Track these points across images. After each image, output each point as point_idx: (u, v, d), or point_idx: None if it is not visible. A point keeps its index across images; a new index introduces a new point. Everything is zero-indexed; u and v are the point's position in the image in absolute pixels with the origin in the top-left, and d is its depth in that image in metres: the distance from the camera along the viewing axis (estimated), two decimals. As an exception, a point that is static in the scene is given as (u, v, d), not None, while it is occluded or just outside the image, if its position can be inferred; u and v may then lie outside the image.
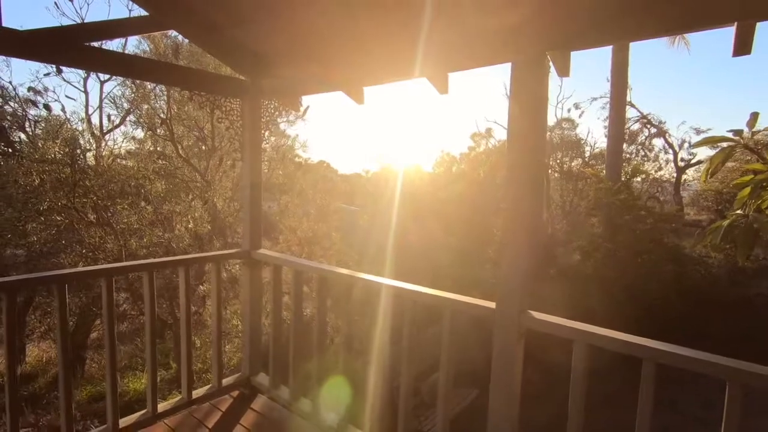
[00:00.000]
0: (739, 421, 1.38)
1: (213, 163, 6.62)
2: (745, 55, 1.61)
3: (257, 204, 3.11)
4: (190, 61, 6.06)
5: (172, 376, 6.97)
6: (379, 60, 2.52)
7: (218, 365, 3.00)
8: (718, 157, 2.77)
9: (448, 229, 11.75)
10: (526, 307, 1.84)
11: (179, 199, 6.36)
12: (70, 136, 5.54)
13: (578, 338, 1.67)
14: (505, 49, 1.88)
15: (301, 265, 2.82)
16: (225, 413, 2.88)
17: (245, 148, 3.02)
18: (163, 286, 6.28)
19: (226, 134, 3.00)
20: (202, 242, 6.31)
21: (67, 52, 2.19)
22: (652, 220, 8.38)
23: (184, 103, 6.13)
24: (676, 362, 1.48)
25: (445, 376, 2.10)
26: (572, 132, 15.89)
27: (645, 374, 1.53)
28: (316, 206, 10.98)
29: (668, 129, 14.54)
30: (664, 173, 15.22)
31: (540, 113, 1.80)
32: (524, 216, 1.79)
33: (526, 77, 1.78)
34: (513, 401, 1.86)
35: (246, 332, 3.17)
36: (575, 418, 1.69)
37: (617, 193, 8.53)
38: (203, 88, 2.81)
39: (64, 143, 5.27)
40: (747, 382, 1.37)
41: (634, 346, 1.54)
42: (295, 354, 2.81)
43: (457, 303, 2.00)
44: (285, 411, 2.90)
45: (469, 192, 12.91)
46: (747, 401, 1.37)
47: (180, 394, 2.86)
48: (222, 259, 3.01)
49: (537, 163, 1.80)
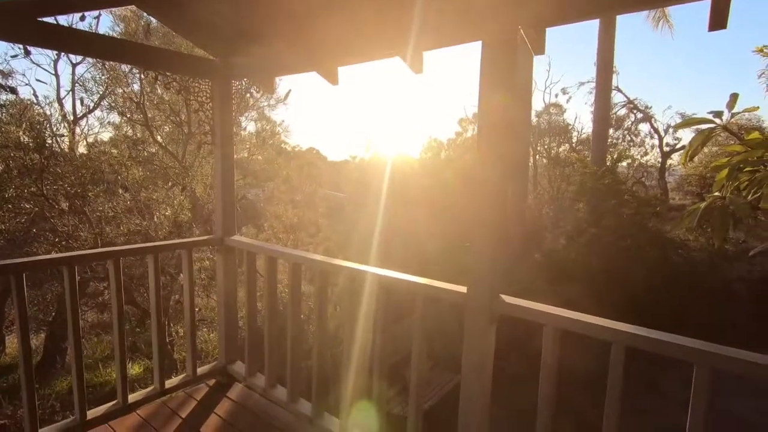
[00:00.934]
0: (706, 404, 1.36)
1: (191, 149, 6.45)
2: (721, 29, 1.56)
3: (230, 189, 3.02)
4: (163, 42, 5.84)
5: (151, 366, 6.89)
6: (353, 39, 2.43)
7: (192, 354, 2.94)
8: (698, 140, 2.74)
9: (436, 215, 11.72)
10: (498, 291, 1.81)
11: (157, 186, 6.21)
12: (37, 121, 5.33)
13: (548, 322, 1.64)
14: (475, 27, 1.81)
15: (274, 252, 2.75)
16: (200, 402, 2.83)
17: (216, 131, 2.92)
18: (144, 274, 6.17)
19: (196, 118, 2.89)
20: (182, 230, 6.19)
21: (19, 27, 2.05)
22: (635, 205, 8.43)
23: (154, 85, 5.93)
24: (644, 345, 1.45)
25: (417, 360, 2.06)
26: (560, 117, 15.88)
27: (614, 357, 1.51)
28: (302, 193, 10.86)
29: (654, 114, 14.60)
30: (650, 158, 15.32)
31: (512, 94, 1.73)
32: (494, 199, 1.73)
33: (497, 56, 1.70)
34: (485, 386, 1.84)
35: (221, 320, 3.12)
36: (546, 399, 1.67)
37: (602, 177, 8.55)
38: (171, 69, 2.69)
39: (30, 128, 5.07)
40: (714, 365, 1.35)
41: (603, 329, 1.52)
42: (270, 341, 2.77)
43: (429, 288, 1.96)
44: (261, 399, 2.87)
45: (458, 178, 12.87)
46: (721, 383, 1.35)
47: (153, 385, 2.81)
48: (193, 246, 2.92)
49: (507, 146, 1.74)
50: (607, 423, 1.53)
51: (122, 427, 2.50)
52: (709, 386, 1.35)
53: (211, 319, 6.45)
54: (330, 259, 2.48)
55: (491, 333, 1.82)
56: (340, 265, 2.36)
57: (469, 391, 1.85)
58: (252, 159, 8.23)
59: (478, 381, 1.82)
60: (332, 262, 2.44)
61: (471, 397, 1.85)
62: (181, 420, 2.63)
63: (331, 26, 2.43)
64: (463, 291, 1.84)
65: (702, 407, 1.37)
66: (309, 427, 2.52)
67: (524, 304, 1.73)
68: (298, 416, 2.60)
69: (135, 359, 7.26)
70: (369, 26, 2.27)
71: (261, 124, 8.54)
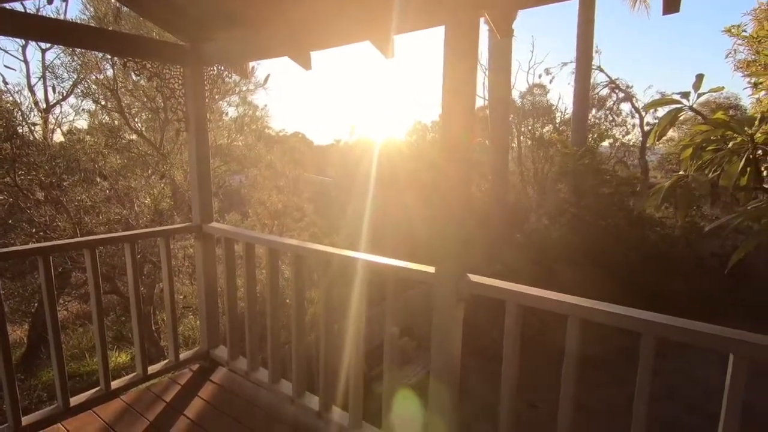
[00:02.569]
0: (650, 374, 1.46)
1: (169, 136, 6.35)
2: (674, 13, 1.61)
3: (206, 177, 3.03)
4: (135, 26, 5.67)
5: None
6: (323, 23, 2.42)
7: (174, 340, 2.99)
8: (665, 120, 2.81)
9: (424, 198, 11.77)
10: (465, 271, 1.87)
11: (136, 174, 6.12)
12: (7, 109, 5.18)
13: (509, 298, 1.72)
14: (440, 11, 1.83)
15: (252, 238, 2.78)
16: (183, 386, 2.89)
17: (189, 118, 2.91)
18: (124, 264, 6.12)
19: (168, 104, 2.82)
20: (163, 218, 6.15)
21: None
22: (614, 184, 8.61)
23: (129, 72, 5.77)
24: (598, 317, 1.54)
25: (390, 341, 2.14)
26: (543, 98, 15.93)
27: (569, 330, 1.60)
28: (286, 178, 10.81)
29: (635, 93, 14.74)
30: (632, 137, 15.52)
31: (473, 77, 1.77)
32: (457, 183, 1.79)
33: (459, 40, 1.73)
34: (453, 363, 1.92)
35: (202, 306, 3.15)
36: (509, 371, 1.76)
37: (582, 158, 8.68)
38: (141, 55, 2.65)
39: (-1, 116, 4.94)
40: (661, 334, 1.44)
41: (560, 303, 1.60)
42: (251, 325, 2.82)
43: (399, 269, 2.02)
44: (244, 381, 2.93)
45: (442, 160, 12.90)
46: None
47: (135, 371, 2.85)
48: (171, 233, 2.94)
49: (467, 132, 1.78)
50: (566, 388, 1.62)
51: (106, 413, 2.54)
52: (653, 355, 1.45)
53: (196, 306, 6.47)
54: (305, 243, 2.53)
55: (459, 311, 1.89)
56: (315, 249, 2.40)
57: (438, 367, 1.93)
58: (233, 145, 8.15)
59: (446, 358, 1.90)
60: (307, 246, 2.48)
61: (440, 372, 1.93)
62: (165, 404, 2.68)
63: (301, 11, 2.42)
64: (432, 271, 1.91)
65: (647, 377, 1.46)
66: (291, 407, 2.60)
67: (488, 282, 1.80)
68: (279, 396, 2.68)
69: (122, 348, 7.28)
70: (340, 11, 2.26)
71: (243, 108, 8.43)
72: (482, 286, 1.80)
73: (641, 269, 8.10)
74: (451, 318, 1.87)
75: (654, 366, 1.45)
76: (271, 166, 10.16)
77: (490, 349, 5.64)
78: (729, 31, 4.03)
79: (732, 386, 1.32)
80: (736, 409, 1.33)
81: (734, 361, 1.32)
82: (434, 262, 1.93)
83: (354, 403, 2.31)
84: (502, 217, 10.53)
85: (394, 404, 2.14)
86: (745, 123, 2.49)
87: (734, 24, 3.92)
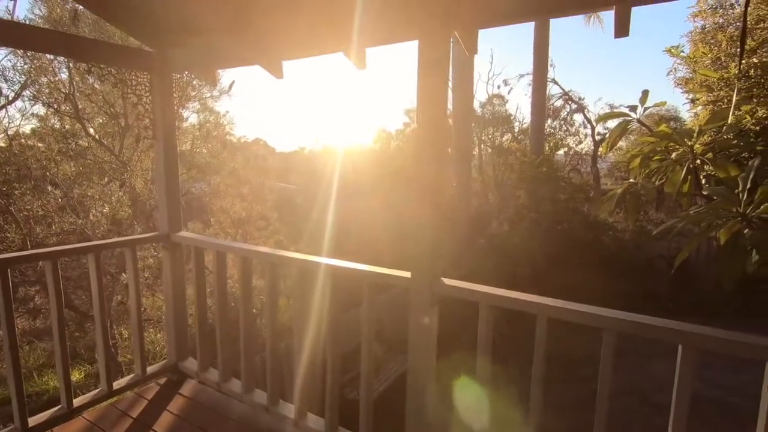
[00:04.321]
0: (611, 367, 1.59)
1: (129, 143, 6.10)
2: (624, 36, 1.77)
3: (174, 185, 2.97)
4: (94, 30, 5.43)
5: (95, 370, 6.59)
6: (297, 33, 2.46)
7: (141, 353, 2.89)
8: (616, 131, 3.05)
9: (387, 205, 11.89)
10: (439, 274, 1.96)
11: (92, 182, 5.83)
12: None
13: (482, 300, 1.82)
14: (411, 27, 1.92)
15: (223, 247, 2.76)
16: (151, 401, 2.80)
17: (157, 125, 2.85)
18: (82, 275, 5.83)
19: (135, 111, 2.73)
20: (122, 228, 5.89)
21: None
22: (570, 191, 9.07)
23: (87, 76, 5.52)
24: (564, 316, 1.66)
25: (367, 346, 2.18)
26: (502, 108, 16.53)
27: (538, 328, 1.71)
28: (249, 186, 10.61)
29: (587, 105, 15.58)
30: (584, 146, 16.37)
31: (445, 90, 1.87)
32: (431, 190, 1.87)
33: (432, 55, 1.83)
34: (429, 363, 2.00)
35: (170, 317, 3.07)
36: (482, 368, 1.85)
37: (539, 166, 9.09)
38: (103, 61, 2.58)
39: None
40: (620, 330, 1.57)
41: (529, 303, 1.71)
42: (222, 335, 2.78)
43: (374, 275, 2.08)
44: (215, 393, 2.88)
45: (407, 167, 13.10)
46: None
47: (99, 387, 2.74)
48: (137, 243, 2.85)
49: (443, 139, 1.88)
50: (534, 385, 1.73)
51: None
52: (614, 348, 1.58)
53: (157, 319, 6.23)
54: (278, 251, 2.53)
55: (434, 313, 1.97)
56: (290, 257, 2.42)
57: (416, 368, 2.00)
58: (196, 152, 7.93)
59: (424, 358, 1.97)
60: (281, 254, 2.49)
61: (418, 373, 2.00)
62: (132, 420, 2.59)
63: (275, 19, 2.45)
64: (408, 276, 1.98)
65: (608, 369, 1.59)
66: (265, 416, 2.58)
67: (461, 285, 1.90)
68: (253, 406, 2.65)
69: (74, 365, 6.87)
70: (313, 21, 2.31)
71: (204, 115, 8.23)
72: (456, 288, 1.89)
73: (596, 271, 8.55)
74: (428, 320, 1.95)
75: (614, 360, 1.59)
76: (234, 174, 9.95)
77: (458, 351, 5.79)
78: (669, 51, 4.41)
79: (681, 375, 1.47)
80: (686, 396, 1.47)
81: (683, 352, 1.47)
82: (409, 267, 2.01)
83: (330, 409, 2.34)
84: (467, 223, 10.82)
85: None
86: (686, 135, 2.74)
87: (674, 45, 4.30)
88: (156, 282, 6.32)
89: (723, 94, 3.55)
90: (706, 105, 3.72)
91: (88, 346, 6.65)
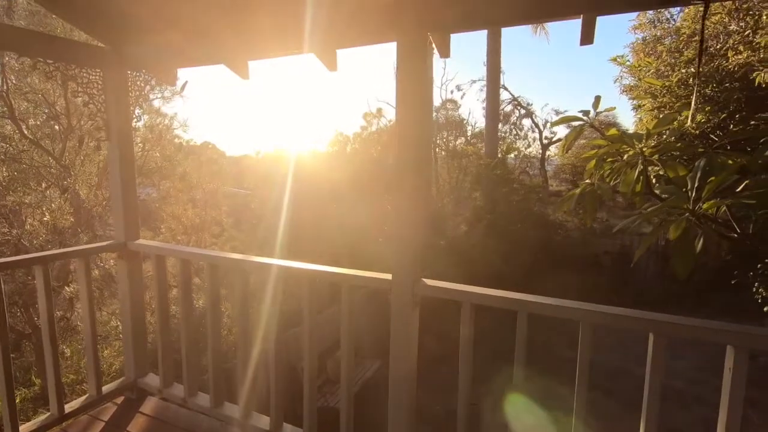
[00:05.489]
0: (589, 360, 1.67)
1: (71, 145, 5.63)
2: (589, 44, 1.87)
3: (131, 190, 2.79)
4: (31, 23, 4.96)
5: (35, 394, 6.04)
6: (264, 32, 2.39)
7: (95, 371, 2.68)
8: (572, 135, 3.22)
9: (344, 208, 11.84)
10: (420, 276, 1.97)
11: (29, 188, 5.32)
12: None
13: (464, 299, 1.85)
14: (389, 29, 1.93)
15: (188, 254, 2.62)
16: (108, 422, 2.60)
17: (111, 127, 2.67)
18: (15, 290, 5.31)
19: (86, 111, 2.49)
20: (65, 237, 5.43)
21: None
22: (523, 192, 9.47)
23: (26, 73, 5.04)
24: (543, 310, 1.72)
25: (347, 351, 2.15)
26: (456, 112, 16.98)
27: (519, 323, 1.76)
28: (202, 191, 10.19)
29: (534, 110, 16.37)
30: (532, 150, 17.15)
31: (426, 93, 1.89)
32: (413, 192, 1.89)
33: (411, 57, 1.85)
34: (411, 364, 2.00)
35: (128, 332, 2.87)
36: (465, 371, 1.88)
37: (494, 168, 9.42)
38: (49, 56, 2.38)
39: None
40: (596, 322, 1.65)
41: (509, 300, 1.76)
42: (189, 348, 2.64)
43: (355, 278, 2.05)
44: (180, 409, 2.73)
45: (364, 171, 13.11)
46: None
47: (48, 411, 2.51)
48: (90, 253, 2.65)
49: (424, 142, 1.90)
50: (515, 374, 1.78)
51: (14, 463, 2.20)
52: (589, 339, 1.66)
53: (105, 334, 5.79)
54: (249, 258, 2.44)
55: (415, 314, 1.98)
56: (261, 263, 2.34)
57: (397, 370, 2.00)
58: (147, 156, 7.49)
59: (405, 359, 1.97)
60: (252, 260, 2.40)
61: (399, 375, 1.99)
62: (88, 444, 2.40)
63: (243, 18, 2.37)
64: (388, 278, 1.97)
65: (587, 363, 1.67)
66: (238, 430, 2.47)
67: (443, 285, 1.92)
68: (225, 420, 2.53)
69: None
70: (285, 20, 2.26)
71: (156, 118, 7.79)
72: (438, 289, 1.91)
73: (548, 267, 8.97)
74: (409, 321, 1.95)
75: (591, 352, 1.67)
76: (186, 178, 9.51)
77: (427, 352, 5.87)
78: (615, 60, 4.74)
79: (654, 359, 1.57)
80: (658, 379, 1.57)
81: (654, 340, 1.57)
82: (386, 269, 2.01)
83: (309, 419, 2.28)
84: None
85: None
86: (635, 138, 2.95)
87: (619, 54, 4.63)
88: (103, 294, 5.89)
89: (666, 101, 3.87)
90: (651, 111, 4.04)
91: (24, 368, 6.06)
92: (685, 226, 2.08)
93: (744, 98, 3.44)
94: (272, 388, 2.35)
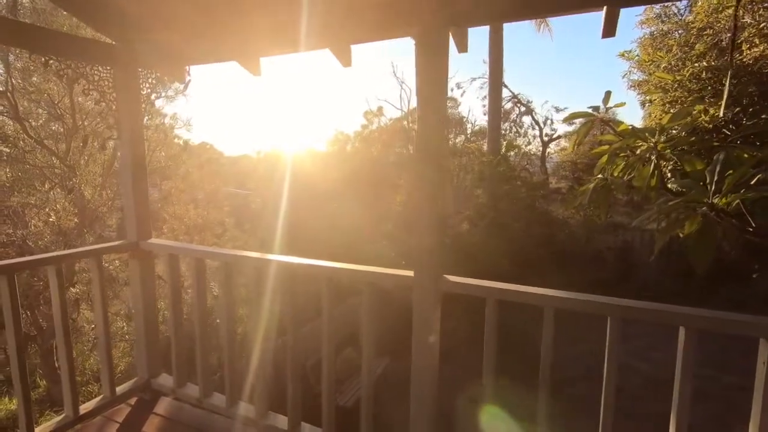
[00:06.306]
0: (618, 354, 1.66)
1: (76, 145, 5.58)
2: (611, 36, 1.85)
3: (142, 188, 2.77)
4: (36, 20, 4.89)
5: (40, 396, 6.01)
6: (278, 28, 2.36)
7: (109, 372, 2.66)
8: (583, 130, 3.20)
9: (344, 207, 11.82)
10: (442, 272, 1.95)
11: (33, 189, 5.28)
12: None
13: (488, 295, 1.83)
14: (406, 23, 1.91)
15: (201, 253, 2.59)
16: (123, 423, 2.58)
17: (122, 125, 2.64)
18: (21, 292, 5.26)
19: (95, 110, 2.47)
20: (69, 238, 5.39)
21: None
22: (525, 189, 9.46)
23: (30, 72, 4.99)
24: (570, 305, 1.70)
25: (368, 350, 2.13)
26: (456, 110, 16.98)
27: (546, 320, 1.74)
28: (204, 191, 10.16)
29: (534, 108, 16.37)
30: (532, 147, 17.17)
31: (444, 89, 1.87)
32: (432, 188, 1.87)
33: (432, 51, 1.82)
34: (434, 360, 1.98)
35: (140, 332, 2.85)
36: (490, 361, 1.87)
37: (497, 165, 9.40)
38: (60, 53, 2.35)
39: None
40: (623, 316, 1.64)
41: (535, 296, 1.74)
42: (203, 347, 2.62)
43: (375, 275, 2.03)
44: (195, 410, 2.70)
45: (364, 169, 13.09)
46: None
47: (63, 413, 2.48)
48: (102, 252, 2.62)
49: (443, 139, 1.88)
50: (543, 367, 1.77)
51: (31, 466, 2.18)
52: (618, 332, 1.65)
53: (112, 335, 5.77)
54: (265, 256, 2.41)
55: (437, 310, 1.96)
56: (278, 261, 2.31)
57: (419, 365, 1.98)
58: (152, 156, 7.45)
59: (428, 354, 1.95)
60: (267, 258, 2.37)
61: (421, 370, 1.97)
62: (104, 446, 2.38)
63: (256, 13, 2.35)
64: (410, 275, 1.95)
65: (615, 356, 1.66)
66: (254, 430, 2.45)
67: (466, 281, 1.90)
68: (240, 420, 2.51)
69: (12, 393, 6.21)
70: (299, 15, 2.23)
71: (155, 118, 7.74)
72: (461, 285, 1.89)
73: (551, 264, 8.97)
74: (432, 318, 1.93)
75: (619, 346, 1.65)
76: (187, 179, 9.48)
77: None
78: (623, 55, 4.73)
79: (684, 353, 1.55)
80: (688, 374, 1.56)
81: (686, 333, 1.56)
82: (408, 266, 1.99)
83: (327, 417, 2.26)
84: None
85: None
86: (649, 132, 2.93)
87: (627, 50, 4.62)
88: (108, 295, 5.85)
89: (678, 95, 3.86)
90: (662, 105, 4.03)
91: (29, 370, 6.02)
92: (704, 221, 2.07)
93: (757, 92, 3.42)
94: (289, 387, 2.33)
